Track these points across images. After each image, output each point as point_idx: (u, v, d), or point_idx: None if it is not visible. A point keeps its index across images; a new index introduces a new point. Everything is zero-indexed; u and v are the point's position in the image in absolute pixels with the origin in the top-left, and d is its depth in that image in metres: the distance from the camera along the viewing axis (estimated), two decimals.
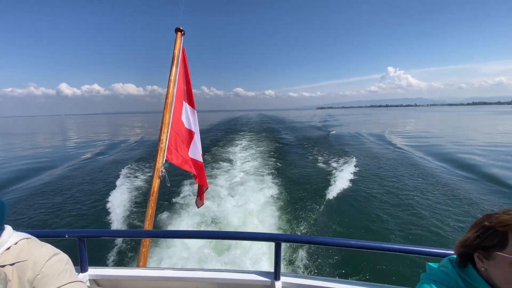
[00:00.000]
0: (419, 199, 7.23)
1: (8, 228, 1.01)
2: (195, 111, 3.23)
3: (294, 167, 11.17)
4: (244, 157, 13.41)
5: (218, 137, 23.12)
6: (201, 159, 3.20)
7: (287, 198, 7.33)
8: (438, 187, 8.23)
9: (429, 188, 8.11)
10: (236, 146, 17.66)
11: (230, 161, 12.44)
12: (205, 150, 15.77)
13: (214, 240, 4.59)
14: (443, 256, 1.18)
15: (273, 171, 10.29)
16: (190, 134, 3.14)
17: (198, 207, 3.40)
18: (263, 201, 7.01)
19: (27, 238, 1.04)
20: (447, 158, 12.66)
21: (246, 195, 7.41)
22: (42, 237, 1.16)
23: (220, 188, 8.16)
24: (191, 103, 3.20)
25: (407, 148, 16.05)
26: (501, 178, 9.09)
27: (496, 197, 7.45)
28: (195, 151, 3.15)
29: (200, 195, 3.31)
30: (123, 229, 5.75)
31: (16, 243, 0.99)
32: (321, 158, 13.07)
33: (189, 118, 3.15)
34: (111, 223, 6.23)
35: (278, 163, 11.71)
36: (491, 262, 0.79)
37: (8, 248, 0.97)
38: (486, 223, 0.81)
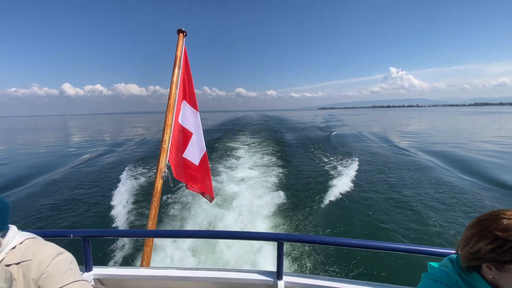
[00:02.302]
0: (421, 198, 7.18)
1: (13, 228, 1.03)
2: (198, 113, 3.09)
3: (296, 167, 11.15)
4: (246, 157, 13.40)
5: (219, 137, 23.13)
6: (196, 162, 3.07)
7: (290, 198, 7.31)
8: (438, 186, 8.17)
9: (430, 188, 8.05)
10: (237, 146, 17.65)
11: (231, 161, 12.44)
12: (207, 149, 15.76)
13: (217, 240, 4.60)
14: (444, 255, 1.18)
15: (275, 171, 10.28)
16: (187, 135, 3.04)
17: (210, 202, 3.32)
18: (265, 200, 7.01)
19: (32, 238, 1.06)
20: (447, 158, 12.57)
21: (248, 195, 7.42)
22: (47, 237, 1.17)
23: (221, 187, 8.18)
24: (193, 104, 3.08)
25: (408, 148, 15.95)
26: (502, 179, 9.00)
27: (496, 195, 7.39)
28: (192, 153, 3.06)
29: (206, 192, 3.21)
30: (127, 229, 5.78)
31: (21, 243, 1.01)
32: (323, 158, 13.02)
33: (188, 119, 3.06)
34: (115, 223, 6.27)
35: (280, 163, 11.68)
36: (503, 274, 0.76)
37: (14, 248, 0.99)
38: (498, 233, 0.75)
